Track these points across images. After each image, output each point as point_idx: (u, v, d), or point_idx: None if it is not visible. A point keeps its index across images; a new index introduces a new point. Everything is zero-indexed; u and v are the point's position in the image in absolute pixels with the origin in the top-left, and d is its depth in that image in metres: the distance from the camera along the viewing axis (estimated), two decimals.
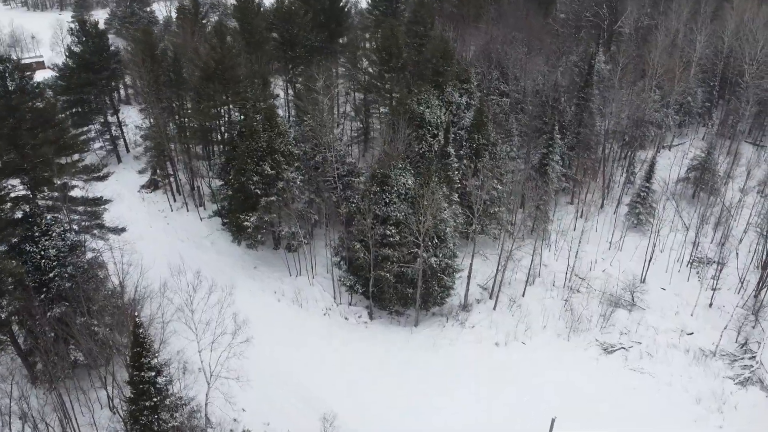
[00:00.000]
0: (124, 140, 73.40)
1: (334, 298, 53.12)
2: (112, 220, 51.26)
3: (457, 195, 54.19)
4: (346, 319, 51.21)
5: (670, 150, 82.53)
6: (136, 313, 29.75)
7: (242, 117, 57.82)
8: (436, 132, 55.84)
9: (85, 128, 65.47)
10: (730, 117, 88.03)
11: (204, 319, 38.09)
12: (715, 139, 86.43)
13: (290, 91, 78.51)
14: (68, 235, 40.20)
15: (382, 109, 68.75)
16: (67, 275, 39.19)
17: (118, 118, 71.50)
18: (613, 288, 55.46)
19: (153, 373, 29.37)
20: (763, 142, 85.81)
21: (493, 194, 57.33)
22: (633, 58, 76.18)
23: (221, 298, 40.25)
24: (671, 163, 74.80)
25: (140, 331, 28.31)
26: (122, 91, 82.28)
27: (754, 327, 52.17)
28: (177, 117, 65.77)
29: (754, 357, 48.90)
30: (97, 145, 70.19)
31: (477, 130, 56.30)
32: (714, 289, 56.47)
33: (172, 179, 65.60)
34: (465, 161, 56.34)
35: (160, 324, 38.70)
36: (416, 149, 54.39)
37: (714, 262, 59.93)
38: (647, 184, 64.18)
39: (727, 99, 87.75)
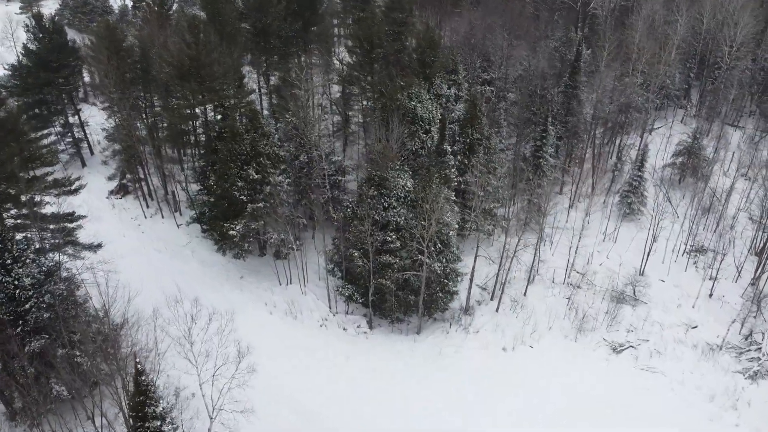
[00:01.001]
0: (88, 142, 68.41)
1: (330, 308, 50.37)
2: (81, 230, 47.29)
3: (453, 194, 51.81)
4: (344, 329, 48.56)
5: (650, 134, 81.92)
6: (137, 360, 26.45)
7: (219, 117, 53.95)
8: (428, 128, 53.22)
9: (45, 131, 60.38)
10: (708, 98, 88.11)
11: (204, 350, 34.97)
12: (695, 121, 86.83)
13: (263, 85, 74.55)
14: (43, 259, 36.27)
15: (365, 102, 65.52)
16: (44, 305, 35.41)
17: (80, 118, 66.43)
18: (613, 282, 54.31)
19: (158, 423, 26.29)
20: (740, 123, 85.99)
21: (488, 190, 55.25)
22: (614, 42, 74.81)
23: (221, 326, 37.22)
24: (657, 148, 74.12)
25: (142, 378, 25.13)
26: (81, 90, 76.70)
27: (755, 317, 51.75)
28: (145, 116, 61.31)
29: (760, 348, 48.43)
30: (59, 148, 65.09)
31: (470, 125, 53.87)
32: (713, 279, 55.87)
33: (143, 183, 61.35)
34: (459, 157, 53.96)
35: (155, 355, 35.28)
36: (409, 147, 51.75)
37: (710, 250, 59.43)
38: (639, 173, 63.10)
39: (704, 81, 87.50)
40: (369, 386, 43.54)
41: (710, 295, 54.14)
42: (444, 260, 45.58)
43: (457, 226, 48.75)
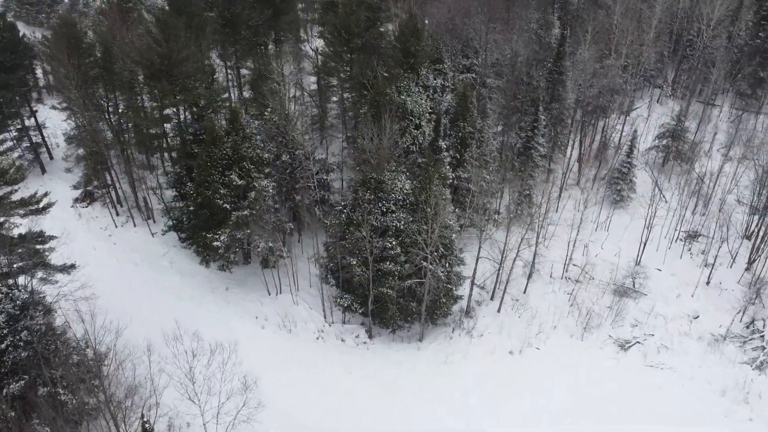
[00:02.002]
0: (47, 147, 63.42)
1: (325, 317, 47.72)
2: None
3: (448, 192, 49.53)
4: (342, 341, 46.05)
5: (628, 116, 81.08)
6: (145, 420, 23.47)
7: (193, 118, 50.12)
8: (419, 122, 50.62)
9: (0, 137, 55.46)
10: (683, 78, 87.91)
11: (206, 386, 32.11)
12: (671, 101, 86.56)
13: (232, 77, 70.47)
14: (17, 292, 32.55)
15: (347, 96, 62.37)
16: (22, 342, 31.80)
17: (36, 121, 61.36)
18: (611, 274, 53.22)
19: None
20: (714, 101, 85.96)
21: (482, 185, 53.20)
22: (596, 25, 73.24)
23: (224, 360, 34.28)
24: (638, 131, 72.92)
25: None
26: (36, 90, 71.12)
27: (753, 303, 51.41)
28: (109, 117, 56.72)
29: (763, 336, 48.06)
30: (15, 154, 60.13)
31: (462, 118, 51.48)
32: (708, 266, 55.36)
33: (111, 190, 57.12)
34: (451, 151, 51.62)
35: (151, 392, 32.22)
36: (400, 144, 49.07)
37: (702, 235, 58.92)
38: (628, 160, 61.99)
39: (680, 60, 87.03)
40: (370, 397, 41.42)
41: (708, 283, 53.58)
42: (447, 264, 43.38)
43: (459, 228, 46.53)
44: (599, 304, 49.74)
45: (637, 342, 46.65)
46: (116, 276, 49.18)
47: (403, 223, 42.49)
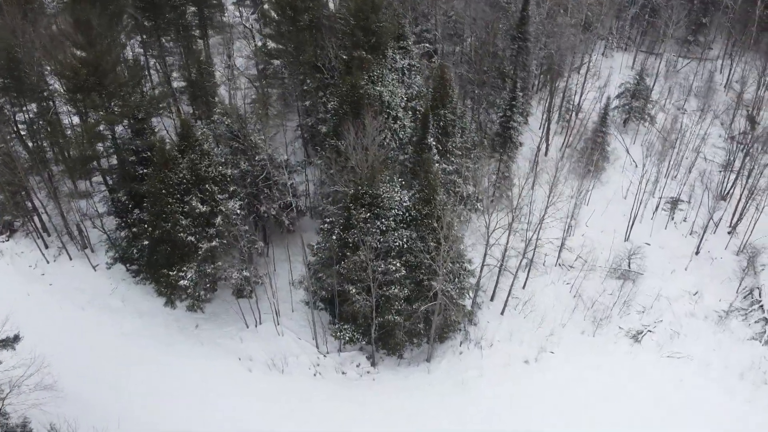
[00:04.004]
0: None
1: (317, 347, 42.37)
2: None
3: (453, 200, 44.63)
4: (343, 374, 41.04)
5: (579, 73, 78.41)
6: None
7: (132, 133, 41.87)
8: (396, 114, 44.97)
9: None
10: (626, 27, 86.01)
11: None
12: (615, 52, 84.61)
13: (154, 69, 61.01)
14: None
15: (308, 81, 54.80)
16: None
17: None
18: (603, 255, 50.84)
19: None
20: (657, 50, 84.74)
21: (466, 175, 48.77)
22: None
23: None
24: (599, 95, 70.35)
25: None
26: None
27: (745, 271, 50.78)
28: (19, 135, 46.94)
29: (762, 305, 47.46)
30: None
31: (441, 104, 46.16)
32: (694, 234, 54.32)
33: (35, 217, 47.98)
34: (432, 140, 46.39)
35: None
36: (379, 141, 43.33)
37: (681, 201, 57.63)
38: (603, 128, 59.19)
39: (619, 8, 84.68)
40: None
41: (697, 253, 52.45)
42: (457, 280, 38.93)
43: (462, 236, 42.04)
44: (600, 291, 47.26)
45: (648, 331, 44.75)
46: (63, 331, 41.09)
47: (405, 240, 37.37)
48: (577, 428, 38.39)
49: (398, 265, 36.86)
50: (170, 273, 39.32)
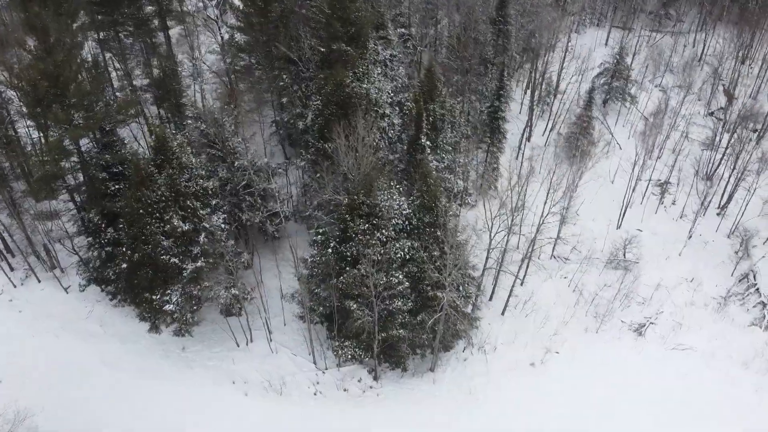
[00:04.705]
0: None
1: (315, 363, 40.15)
2: None
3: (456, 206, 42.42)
4: (345, 390, 38.94)
5: (554, 51, 76.79)
6: None
7: (100, 146, 38.33)
8: (383, 112, 42.45)
9: None
10: (597, 3, 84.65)
11: None
12: (587, 29, 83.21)
13: (115, 68, 56.65)
14: None
15: (284, 77, 51.47)
16: None
17: None
18: (597, 244, 49.85)
19: None
20: (630, 24, 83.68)
21: (457, 171, 46.82)
22: None
23: None
24: (579, 76, 68.78)
25: None
26: None
27: (737, 252, 50.57)
28: None
29: (758, 289, 47.24)
30: None
31: (429, 98, 43.79)
32: (684, 217, 53.79)
33: None
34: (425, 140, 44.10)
35: None
36: (368, 142, 40.81)
37: (668, 183, 56.99)
38: (588, 113, 57.74)
39: None
40: None
41: (689, 237, 51.89)
42: (462, 288, 37.09)
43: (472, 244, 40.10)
44: (600, 284, 46.18)
45: (651, 323, 43.96)
46: (38, 362, 37.87)
47: (407, 250, 35.24)
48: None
49: (401, 277, 34.76)
50: (153, 297, 36.39)
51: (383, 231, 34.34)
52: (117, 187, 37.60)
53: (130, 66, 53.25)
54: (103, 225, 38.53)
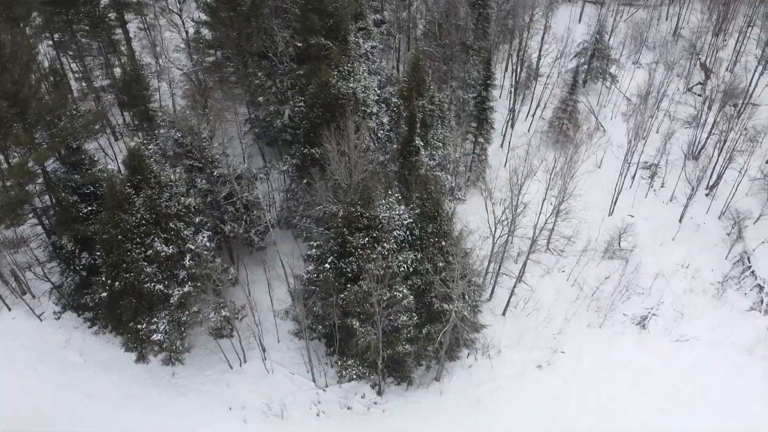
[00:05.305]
0: None
1: (314, 381, 38.21)
2: None
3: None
4: (348, 408, 37.17)
5: (530, 30, 74.90)
6: None
7: (68, 166, 35.10)
8: (371, 111, 40.10)
9: None
10: None
11: None
12: (559, 4, 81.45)
13: (75, 71, 52.60)
14: None
15: (262, 79, 48.39)
16: None
17: None
18: (591, 233, 48.79)
19: None
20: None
21: (447, 168, 44.91)
22: None
23: None
24: (561, 58, 66.88)
25: None
26: None
27: (728, 234, 50.23)
28: None
29: (753, 271, 47.00)
30: None
31: (418, 93, 41.56)
32: (674, 200, 53.15)
33: None
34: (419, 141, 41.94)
35: None
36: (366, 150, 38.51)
37: (654, 164, 56.20)
38: (573, 96, 56.25)
39: None
40: None
41: (680, 220, 51.31)
42: (470, 297, 35.46)
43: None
44: (599, 277, 45.32)
45: (653, 315, 43.28)
46: (16, 403, 34.96)
47: (411, 263, 33.35)
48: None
49: (405, 291, 32.91)
50: (139, 327, 33.76)
51: (384, 244, 32.33)
52: (89, 208, 34.57)
53: (89, 67, 49.45)
54: (77, 250, 35.46)
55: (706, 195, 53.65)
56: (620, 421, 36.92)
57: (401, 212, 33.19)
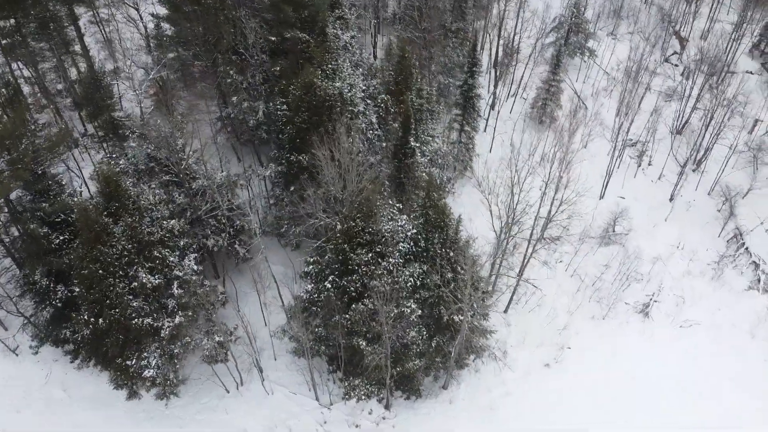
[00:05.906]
0: None
1: (318, 399, 36.38)
2: None
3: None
4: (357, 426, 35.53)
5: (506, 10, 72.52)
6: None
7: (35, 194, 31.84)
8: (357, 110, 37.63)
9: None
10: None
11: None
12: None
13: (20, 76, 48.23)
14: None
15: (234, 78, 44.98)
16: None
17: None
18: (585, 218, 47.54)
19: None
20: None
21: (438, 162, 42.95)
22: None
23: None
24: (538, 34, 64.85)
25: None
26: None
27: (719, 211, 49.88)
28: None
29: (746, 247, 46.80)
30: None
31: (406, 86, 39.22)
32: (663, 178, 52.45)
33: None
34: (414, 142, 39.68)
35: None
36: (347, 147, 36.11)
37: (639, 141, 55.30)
38: (556, 78, 54.47)
39: None
40: None
41: (671, 199, 50.72)
42: (476, 306, 33.86)
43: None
44: (597, 266, 44.38)
45: (654, 301, 42.65)
46: None
47: (417, 276, 31.50)
48: (613, 425, 35.98)
49: (413, 306, 31.11)
50: (128, 363, 31.21)
51: (390, 259, 30.35)
52: (62, 238, 31.51)
53: (42, 71, 45.33)
54: (51, 284, 32.45)
55: (694, 171, 53.12)
56: (630, 414, 36.32)
57: (404, 222, 31.15)
